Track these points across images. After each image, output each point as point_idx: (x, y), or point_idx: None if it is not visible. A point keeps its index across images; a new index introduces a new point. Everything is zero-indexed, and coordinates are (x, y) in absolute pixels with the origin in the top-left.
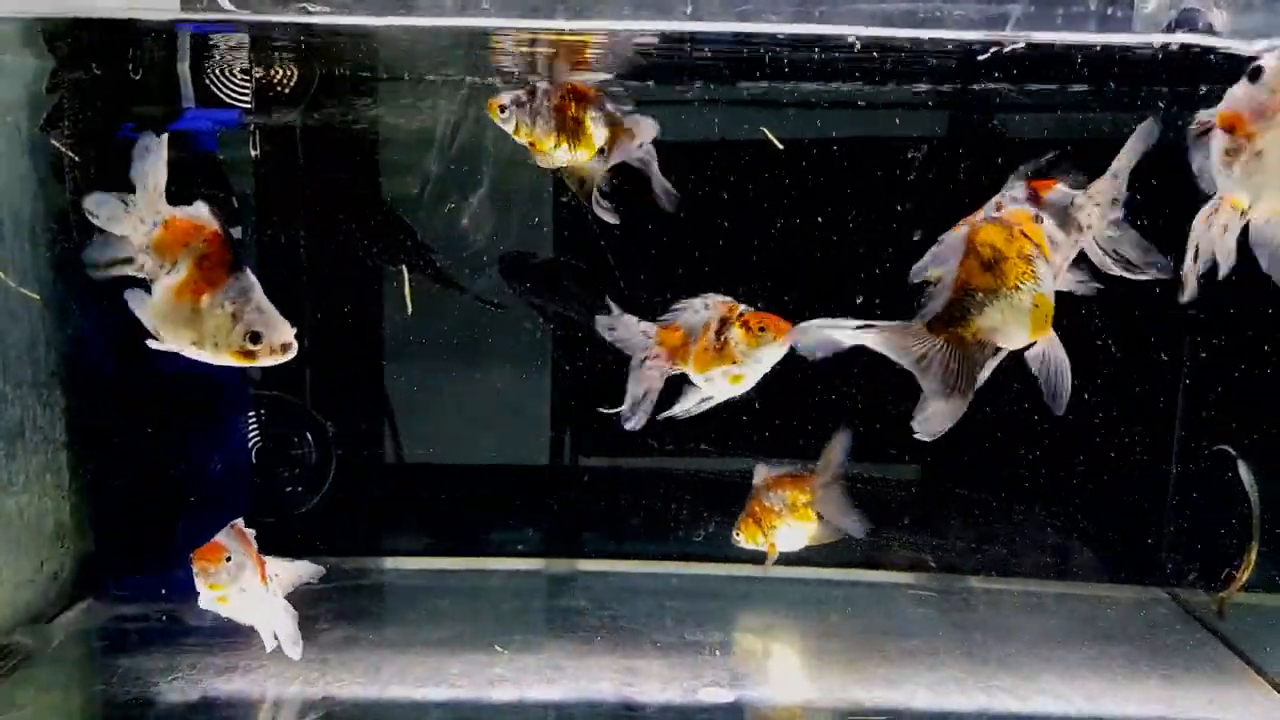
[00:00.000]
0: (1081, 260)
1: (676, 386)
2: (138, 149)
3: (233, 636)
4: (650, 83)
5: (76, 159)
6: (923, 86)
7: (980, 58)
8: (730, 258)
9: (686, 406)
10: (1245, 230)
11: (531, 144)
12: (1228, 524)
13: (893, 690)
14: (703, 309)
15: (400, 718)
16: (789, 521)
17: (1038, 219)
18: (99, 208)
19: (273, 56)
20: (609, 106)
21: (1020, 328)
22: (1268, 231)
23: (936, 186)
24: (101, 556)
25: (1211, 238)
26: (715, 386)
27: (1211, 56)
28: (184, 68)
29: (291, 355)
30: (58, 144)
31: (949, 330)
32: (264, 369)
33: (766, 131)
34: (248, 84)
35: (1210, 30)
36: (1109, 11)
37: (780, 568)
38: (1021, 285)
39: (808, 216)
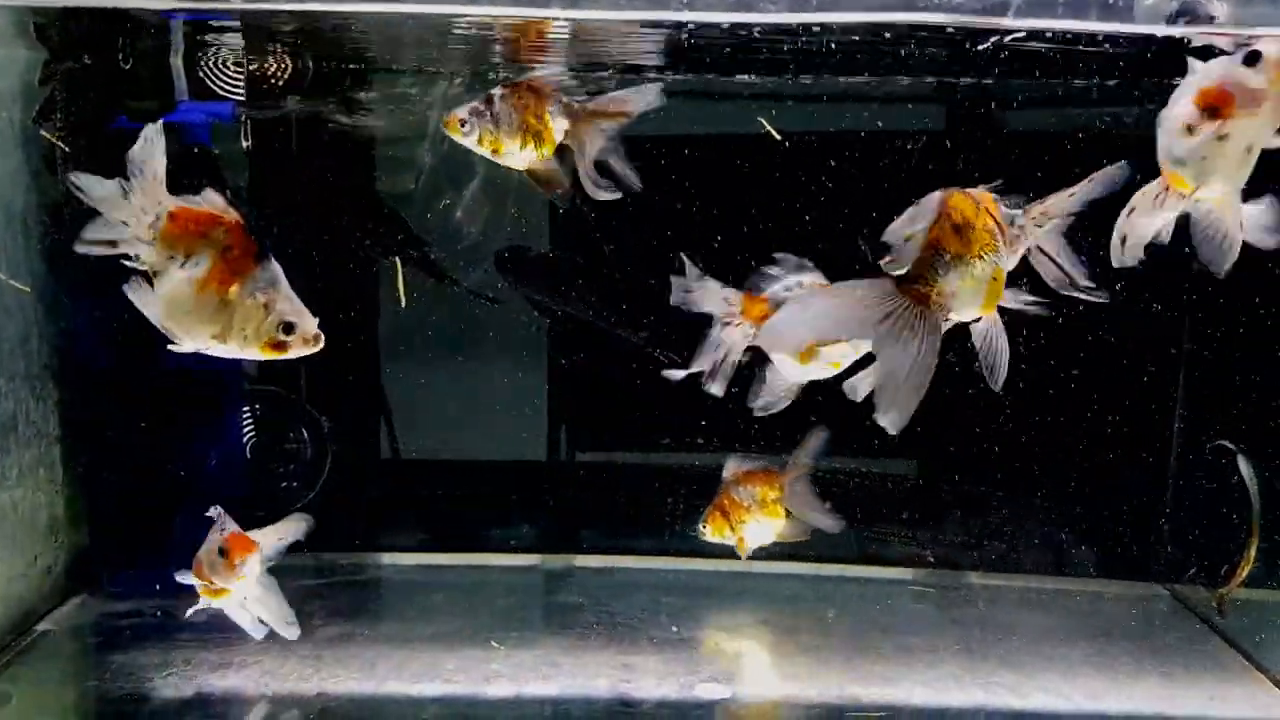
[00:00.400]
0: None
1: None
2: (140, 137)
3: (227, 632)
4: (670, 74)
5: (68, 151)
6: (920, 79)
7: (980, 47)
8: (729, 248)
9: (771, 399)
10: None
11: (494, 150)
12: (1227, 519)
13: (891, 687)
14: (795, 286)
15: (396, 714)
16: (757, 517)
17: (996, 203)
18: (94, 189)
19: (266, 48)
20: (564, 100)
21: (976, 297)
22: (1206, 220)
23: (933, 179)
24: (95, 551)
25: (1145, 220)
26: (810, 372)
27: (1213, 49)
28: (177, 60)
29: (319, 346)
30: (50, 136)
31: (915, 288)
32: (259, 364)
33: (764, 123)
34: (241, 76)
35: (1211, 20)
36: (1110, 0)
37: (776, 563)
38: (984, 256)
39: (806, 209)
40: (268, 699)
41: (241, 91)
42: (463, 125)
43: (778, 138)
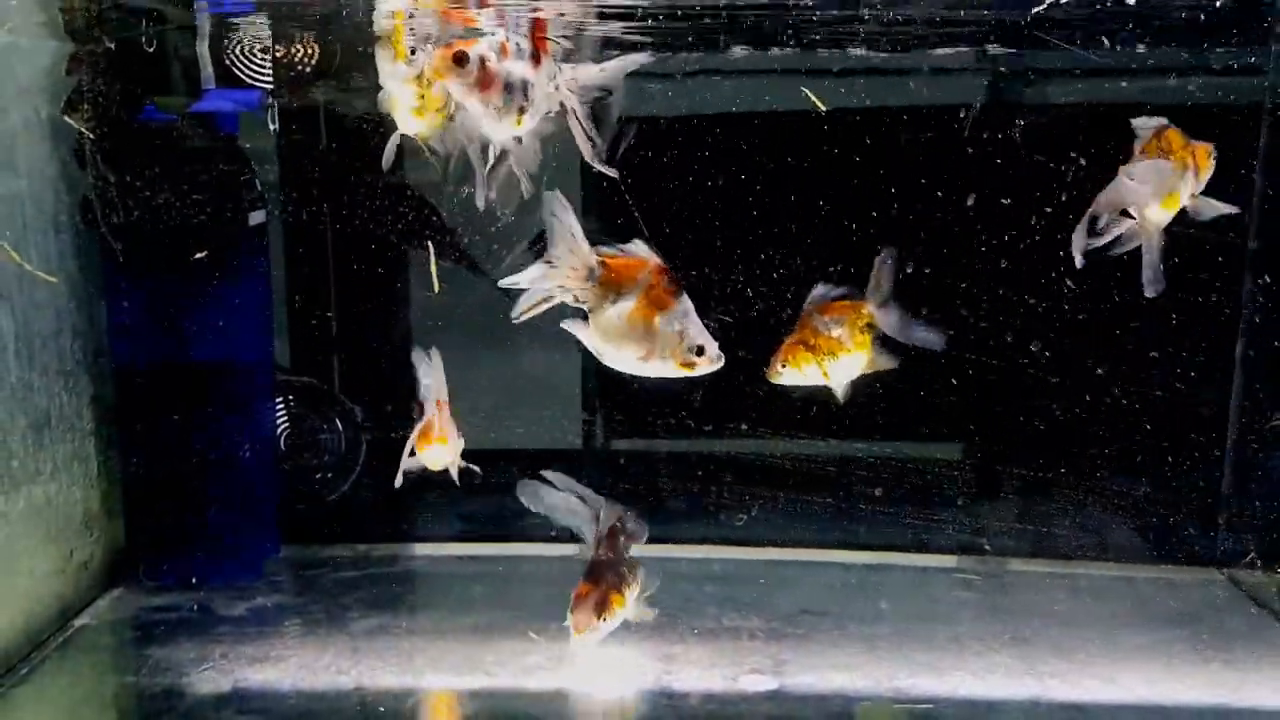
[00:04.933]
0: None
1: None
2: (550, 205)
3: (264, 625)
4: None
5: (94, 139)
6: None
7: (1035, 10)
8: (769, 228)
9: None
10: None
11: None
12: None
13: (940, 678)
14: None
15: (434, 708)
16: (846, 348)
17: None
18: (527, 279)
19: (293, 34)
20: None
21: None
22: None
23: (976, 152)
24: (131, 545)
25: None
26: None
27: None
28: (203, 47)
29: (719, 365)
30: (77, 124)
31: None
32: (292, 355)
33: (807, 92)
34: (268, 63)
35: None
36: None
37: (822, 551)
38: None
39: (850, 185)
40: (305, 693)
41: (269, 78)
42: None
43: (822, 108)
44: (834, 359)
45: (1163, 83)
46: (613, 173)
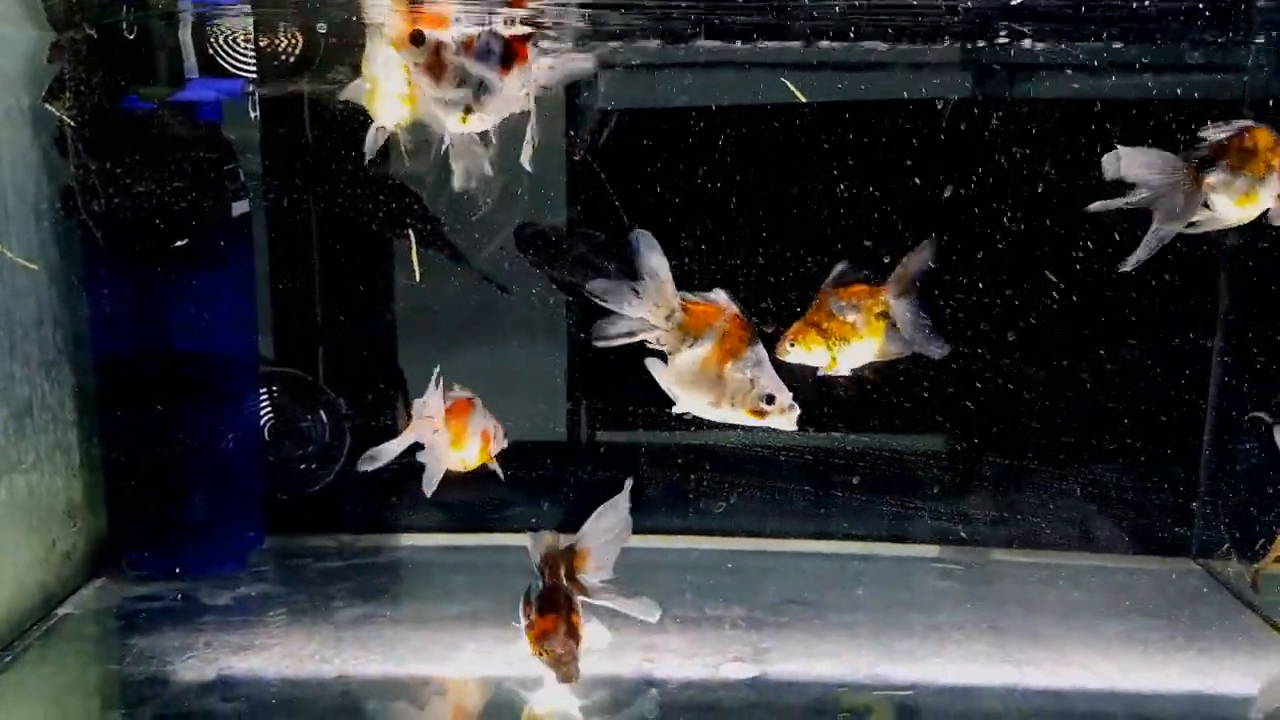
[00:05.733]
0: None
1: None
2: (639, 243)
3: (248, 614)
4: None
5: (75, 127)
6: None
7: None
8: (751, 223)
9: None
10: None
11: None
12: (1262, 493)
13: (919, 666)
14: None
15: (417, 696)
16: (857, 332)
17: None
18: (607, 294)
19: (276, 23)
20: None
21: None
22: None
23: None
24: (114, 535)
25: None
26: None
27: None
28: (186, 35)
29: (795, 415)
30: (58, 112)
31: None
32: (276, 345)
33: (788, 84)
34: (251, 52)
35: None
36: None
37: (803, 541)
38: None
39: (831, 178)
40: (289, 681)
41: (252, 68)
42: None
43: (802, 99)
44: (844, 344)
45: (1141, 79)
46: (528, 165)
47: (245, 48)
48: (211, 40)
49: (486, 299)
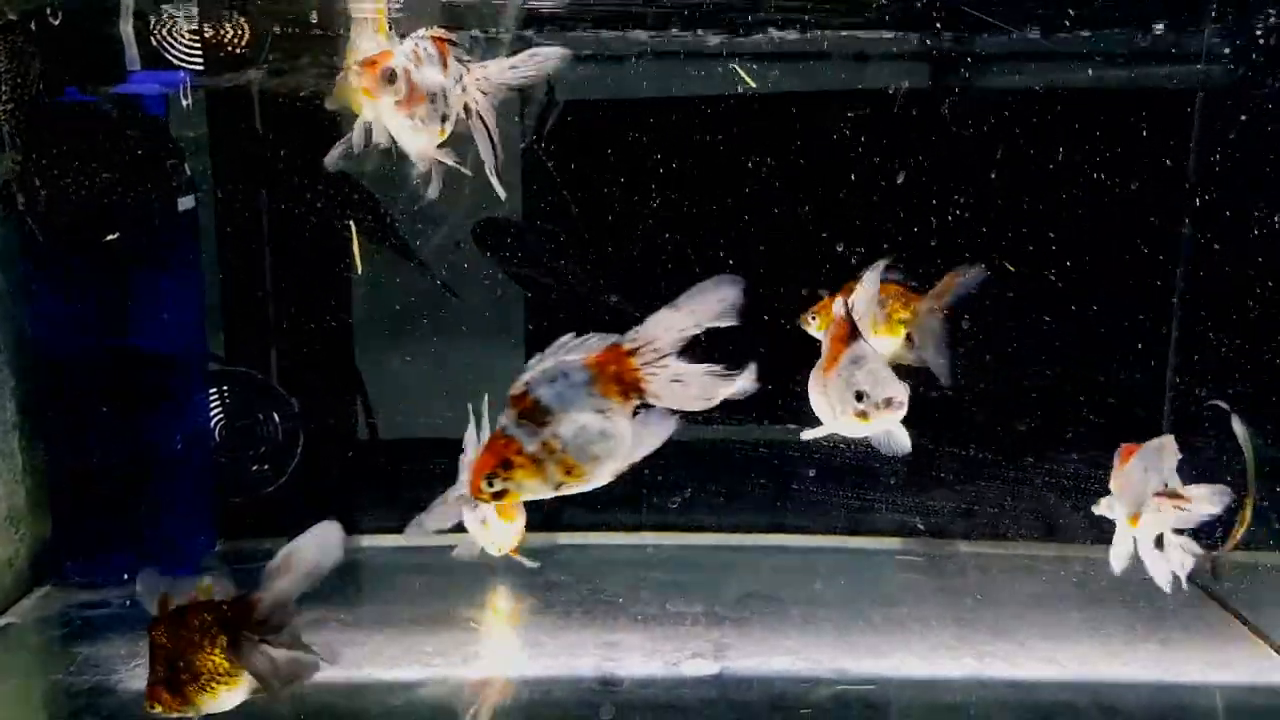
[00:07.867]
0: None
1: None
2: None
3: None
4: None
5: (11, 120)
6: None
7: None
8: (700, 219)
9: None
10: None
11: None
12: (1222, 481)
13: (881, 659)
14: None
15: (374, 699)
16: (878, 327)
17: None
18: None
19: (222, 13)
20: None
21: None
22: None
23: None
24: (58, 541)
25: None
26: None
27: None
28: (127, 26)
29: (898, 411)
30: None
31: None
32: (226, 344)
33: (738, 69)
34: (197, 44)
35: None
36: None
37: (763, 535)
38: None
39: (782, 170)
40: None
41: (198, 60)
42: (390, 81)
43: (752, 85)
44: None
45: (1100, 68)
46: (501, 192)
47: (191, 39)
48: (155, 32)
49: (442, 294)
